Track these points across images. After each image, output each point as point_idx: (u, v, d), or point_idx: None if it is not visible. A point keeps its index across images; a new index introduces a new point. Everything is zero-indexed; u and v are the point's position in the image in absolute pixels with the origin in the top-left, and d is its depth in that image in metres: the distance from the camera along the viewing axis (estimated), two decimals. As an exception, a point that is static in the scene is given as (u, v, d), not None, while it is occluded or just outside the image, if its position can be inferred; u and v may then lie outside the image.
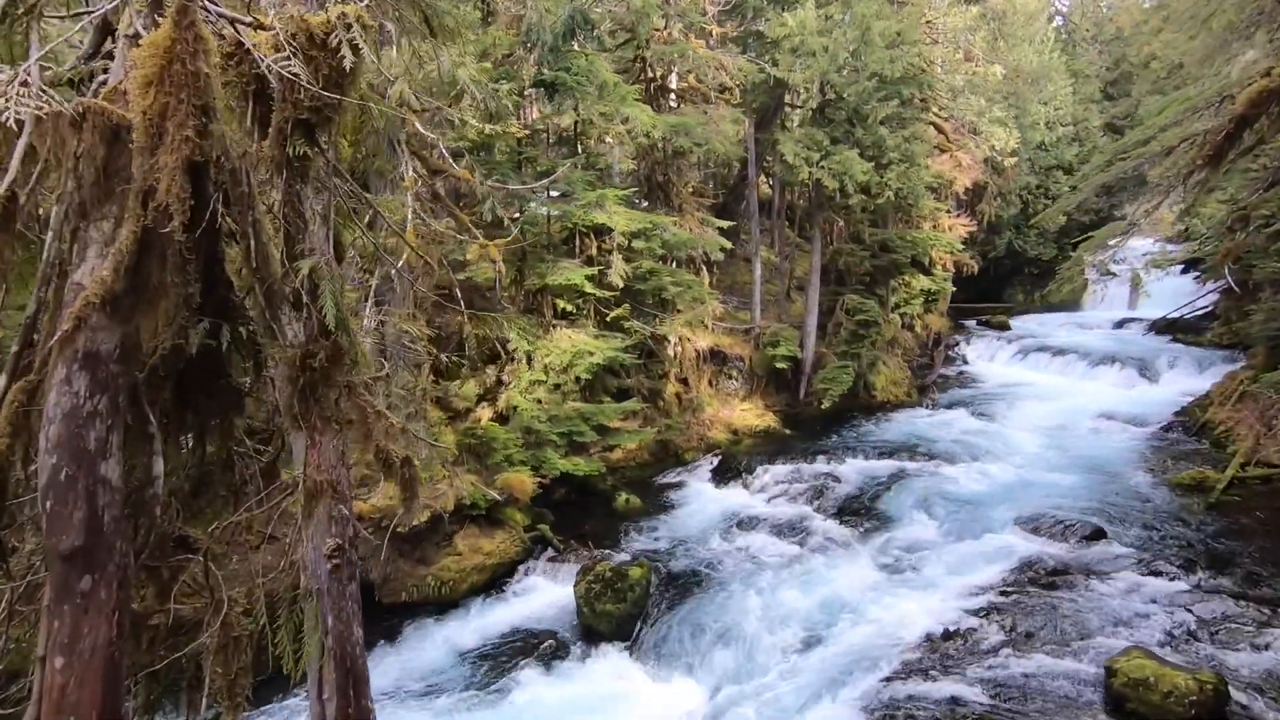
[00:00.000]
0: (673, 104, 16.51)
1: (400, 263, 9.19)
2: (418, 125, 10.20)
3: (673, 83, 16.61)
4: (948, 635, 8.62)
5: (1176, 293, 25.99)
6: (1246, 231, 14.48)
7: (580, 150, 14.12)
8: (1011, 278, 32.44)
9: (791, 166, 16.04)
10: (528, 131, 13.43)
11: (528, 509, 11.66)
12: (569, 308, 13.30)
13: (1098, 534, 10.90)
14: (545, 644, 9.35)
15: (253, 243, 2.61)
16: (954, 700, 7.33)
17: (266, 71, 2.58)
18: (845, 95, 15.78)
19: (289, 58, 2.52)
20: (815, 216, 18.04)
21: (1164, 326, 24.95)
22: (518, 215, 13.06)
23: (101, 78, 2.63)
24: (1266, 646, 7.81)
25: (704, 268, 16.98)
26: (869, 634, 8.95)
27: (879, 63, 15.38)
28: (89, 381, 2.37)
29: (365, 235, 4.66)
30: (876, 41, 15.29)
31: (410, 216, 9.30)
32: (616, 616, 9.53)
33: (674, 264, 15.48)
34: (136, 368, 2.53)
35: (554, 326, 13.16)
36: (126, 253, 2.33)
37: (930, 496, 12.91)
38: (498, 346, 12.52)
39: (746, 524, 12.29)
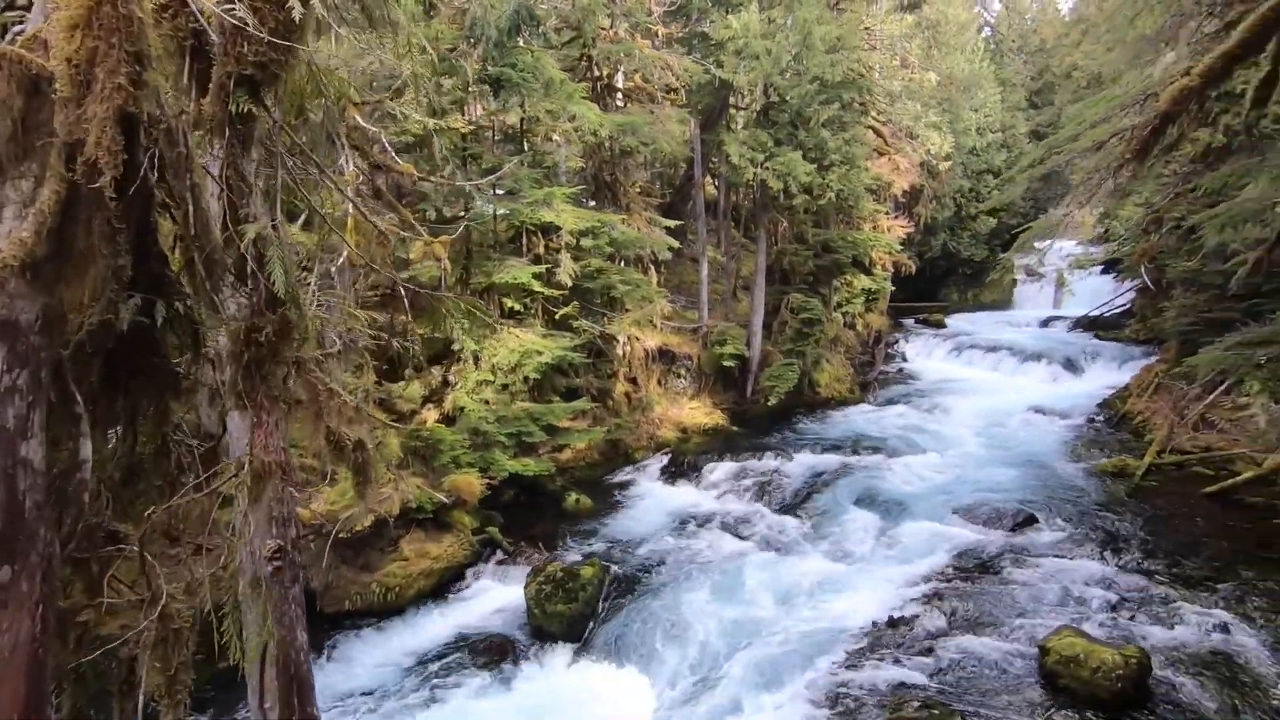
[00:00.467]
0: (619, 103, 16.51)
1: (341, 259, 8.92)
2: (358, 118, 9.92)
3: (619, 82, 16.61)
4: (892, 622, 8.86)
5: (1097, 292, 27.49)
6: (1160, 233, 15.37)
7: (527, 148, 13.98)
8: (947, 278, 33.66)
9: (737, 167, 16.27)
10: (473, 128, 13.20)
11: (476, 511, 11.47)
12: (516, 307, 13.14)
13: (1030, 520, 11.39)
14: (495, 647, 9.19)
15: (191, 208, 2.45)
16: (899, 685, 7.53)
17: (206, 25, 2.44)
18: (788, 98, 16.08)
19: (233, 4, 2.38)
20: (760, 217, 18.32)
21: (1086, 324, 26.29)
22: (463, 213, 12.83)
23: (18, 27, 2.42)
24: (1182, 620, 8.30)
25: (652, 267, 17.04)
26: (817, 624, 9.12)
27: (820, 66, 15.74)
28: (7, 353, 2.17)
29: (314, 211, 4.46)
30: (818, 46, 15.64)
31: (351, 212, 9.05)
32: (568, 617, 9.45)
33: (622, 263, 15.48)
34: (60, 343, 2.34)
35: (501, 326, 12.98)
36: (49, 214, 2.15)
37: (873, 489, 13.26)
38: (454, 346, 12.27)
39: (696, 521, 12.38)
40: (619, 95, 16.70)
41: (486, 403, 12.25)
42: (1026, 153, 34.06)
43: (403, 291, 10.66)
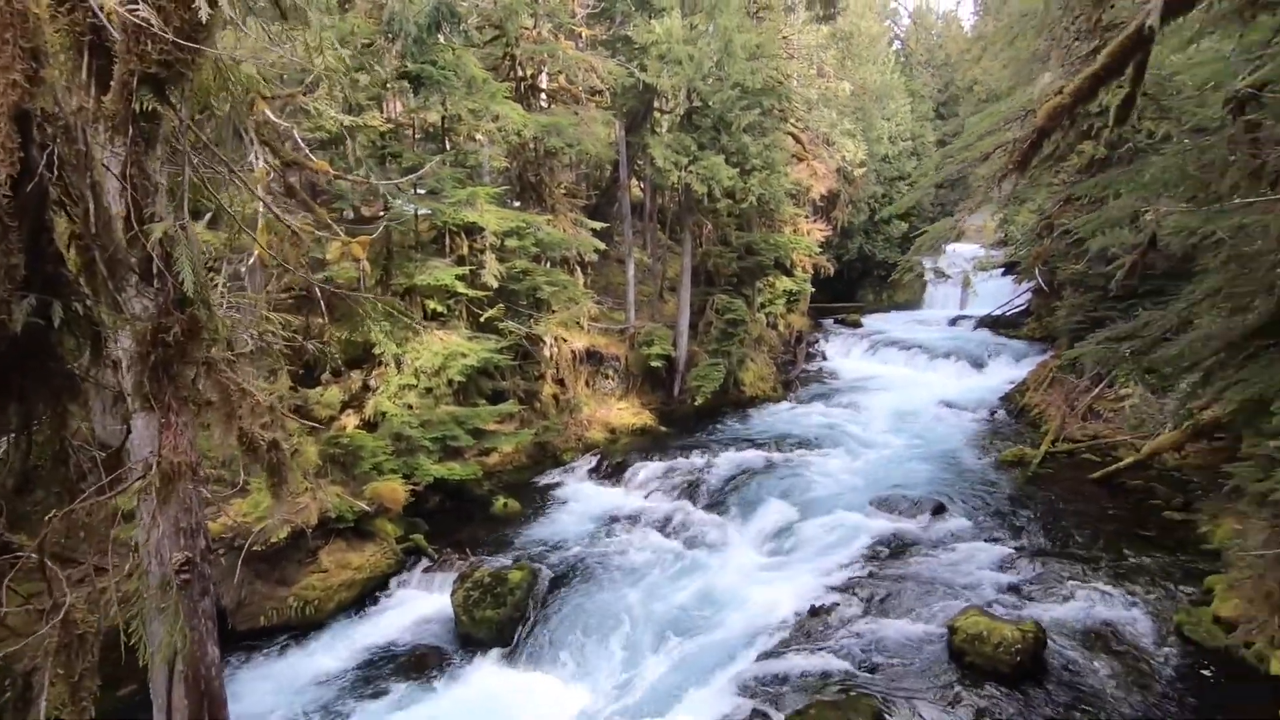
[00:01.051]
0: (544, 104, 16.44)
1: (252, 259, 8.55)
2: (268, 113, 9.53)
3: (543, 82, 16.54)
4: (814, 612, 9.19)
5: (999, 293, 29.29)
6: (1051, 238, 16.54)
7: (449, 147, 13.73)
8: (863, 279, 35.06)
9: (662, 170, 16.47)
10: (392, 126, 12.87)
11: (400, 519, 11.18)
12: (440, 309, 12.89)
13: (940, 509, 12.03)
14: (422, 657, 9.00)
15: (91, 206, 2.31)
16: (821, 671, 7.84)
17: (106, 22, 2.32)
18: (711, 103, 16.42)
19: (135, 3, 2.27)
20: (685, 219, 18.61)
21: (989, 323, 27.94)
22: (382, 213, 12.50)
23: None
24: (1073, 596, 8.99)
25: (578, 268, 17.04)
26: (743, 618, 9.36)
27: (741, 73, 16.15)
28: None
29: (223, 209, 4.26)
30: (738, 53, 16.05)
31: (261, 211, 8.67)
32: (497, 622, 9.35)
33: (548, 264, 15.42)
34: (-54, 344, 2.17)
35: (424, 328, 12.69)
36: (-64, 210, 2.00)
37: (796, 484, 13.70)
38: (374, 350, 11.91)
39: (625, 520, 12.46)
40: (543, 96, 16.63)
41: (409, 407, 11.96)
42: (933, 160, 36.04)
43: (319, 293, 10.32)
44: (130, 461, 2.73)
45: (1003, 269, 28.48)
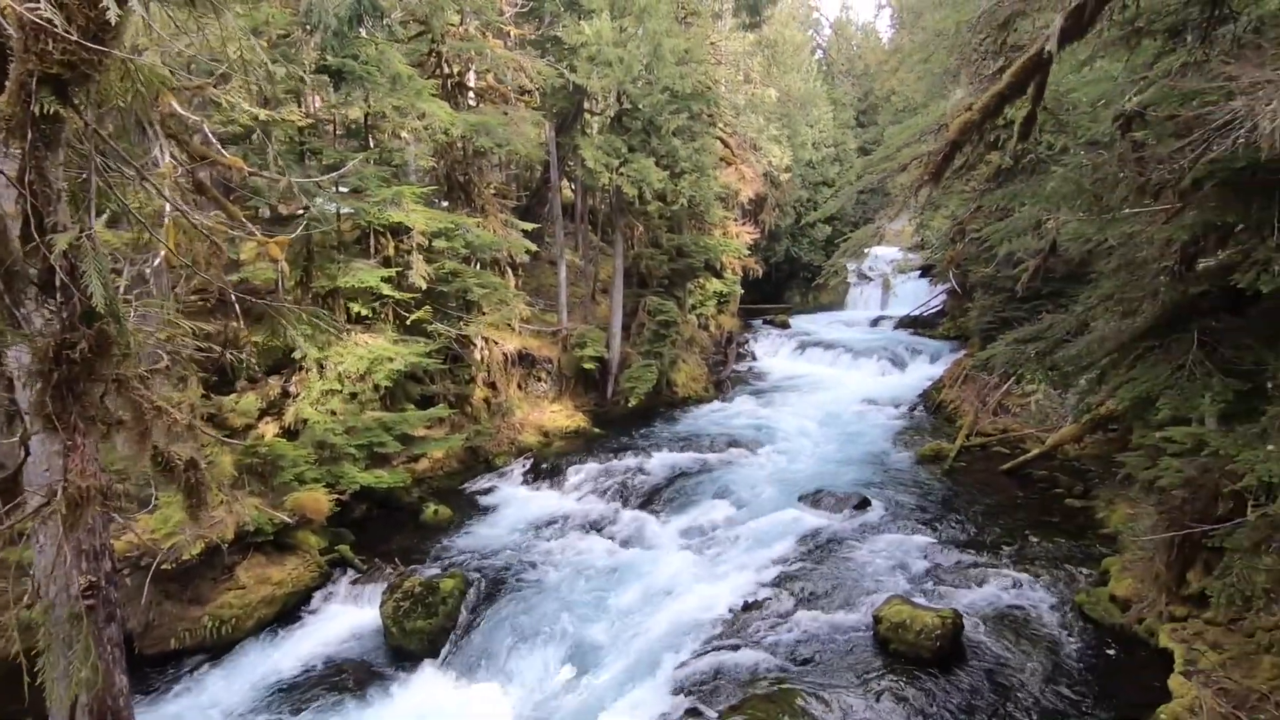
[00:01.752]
0: (471, 103, 16.14)
1: (158, 261, 8.08)
2: (175, 105, 9.04)
3: (470, 81, 16.25)
4: (747, 607, 9.39)
5: (916, 294, 30.69)
6: (963, 242, 17.44)
7: (372, 144, 13.31)
8: (789, 281, 36.02)
9: (593, 171, 16.47)
10: (311, 121, 12.37)
11: (324, 530, 10.76)
12: (364, 311, 12.48)
13: (864, 503, 12.50)
14: (350, 673, 8.68)
15: None
16: (755, 666, 8.01)
17: (1, 18, 2.13)
18: (641, 106, 16.53)
19: (36, 1, 2.10)
20: (617, 221, 18.66)
21: (908, 323, 29.20)
22: (301, 211, 11.99)
23: None
24: (986, 582, 9.51)
25: (509, 270, 16.82)
26: (679, 616, 9.45)
27: (670, 77, 16.32)
28: None
29: (125, 207, 3.99)
30: (668, 57, 16.21)
31: (169, 209, 8.19)
32: (429, 632, 9.13)
33: (478, 266, 15.16)
34: None
35: (348, 332, 12.26)
36: None
37: (728, 482, 13.95)
38: (297, 355, 11.40)
39: (560, 524, 12.39)
40: (470, 94, 16.33)
41: (333, 414, 11.53)
42: (855, 167, 37.40)
43: (233, 296, 9.83)
44: (28, 486, 2.51)
45: (919, 272, 29.81)
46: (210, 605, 9.17)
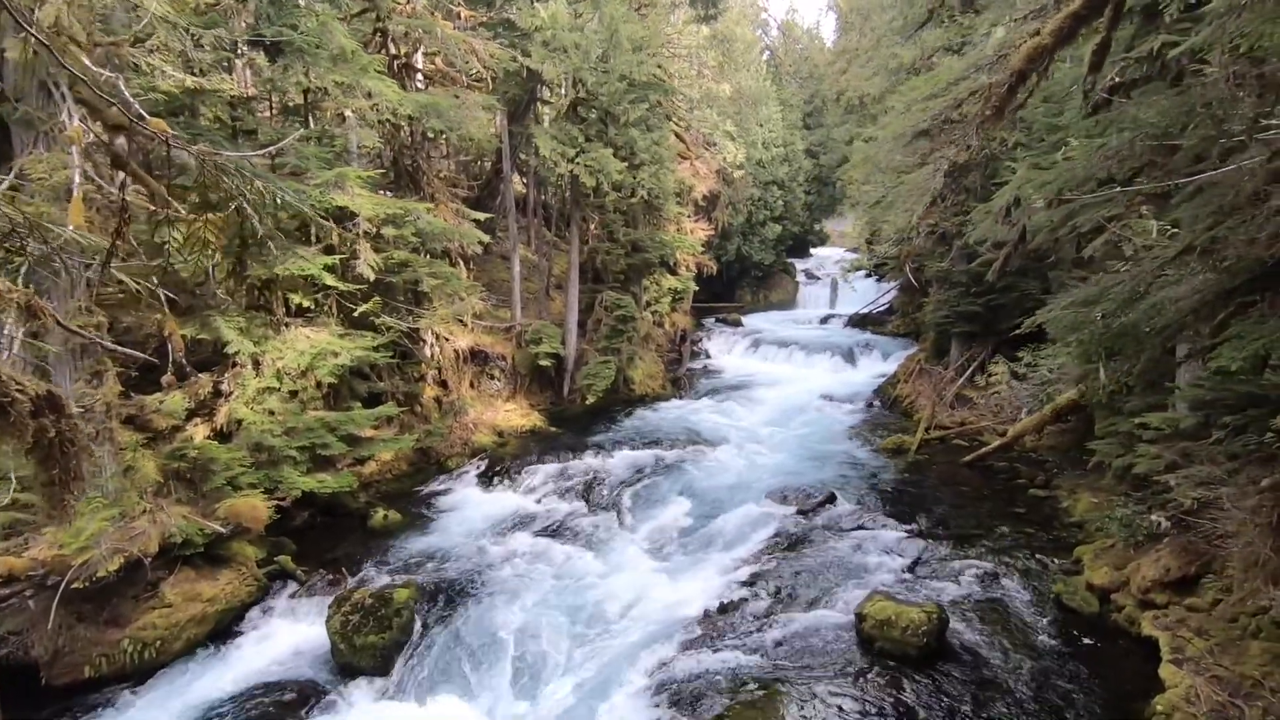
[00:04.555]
0: (420, 85, 15.32)
1: (62, 239, 7.11)
2: (86, 62, 8.08)
3: (419, 62, 15.41)
4: (722, 608, 8.98)
5: (864, 293, 31.11)
6: (919, 237, 17.55)
7: (313, 124, 12.40)
8: (741, 279, 36.06)
9: (548, 161, 15.87)
10: (245, 96, 11.39)
11: (262, 540, 9.85)
12: (306, 303, 11.57)
13: (831, 498, 12.29)
14: (293, 695, 7.87)
15: None
16: (737, 670, 7.60)
17: None
18: (598, 94, 16.01)
19: None
20: (574, 213, 18.08)
21: (858, 320, 29.56)
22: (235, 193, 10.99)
23: None
24: (963, 575, 9.36)
25: (460, 263, 16.03)
26: (651, 620, 8.99)
27: (628, 65, 15.86)
28: None
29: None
30: (625, 44, 15.76)
31: (78, 180, 7.25)
32: (381, 648, 8.38)
33: (428, 256, 14.34)
34: None
35: (287, 325, 11.34)
36: None
37: (691, 480, 13.57)
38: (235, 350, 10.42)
39: (519, 527, 11.76)
40: (419, 77, 15.50)
41: (271, 413, 10.61)
42: (804, 168, 37.77)
43: (156, 284, 8.82)
44: None
45: (866, 271, 30.15)
46: (131, 627, 8.19)
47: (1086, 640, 7.91)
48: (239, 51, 11.24)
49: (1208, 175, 3.71)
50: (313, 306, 11.70)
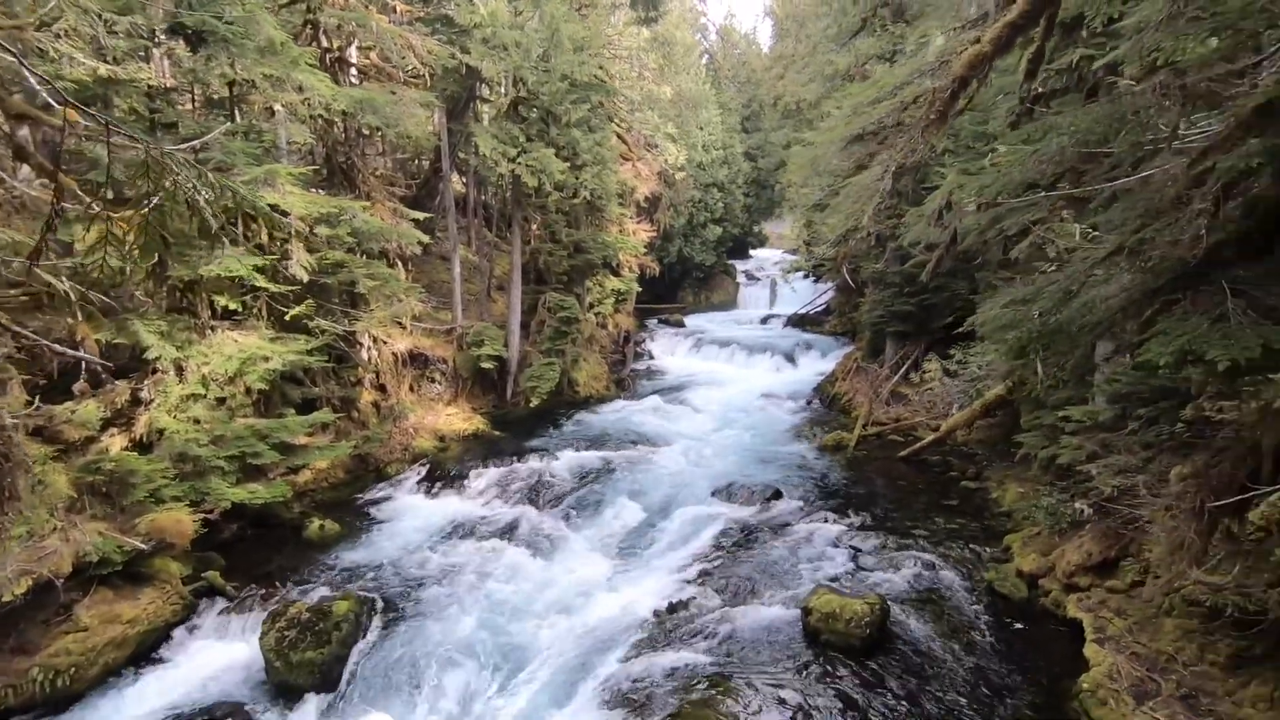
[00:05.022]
0: (354, 80, 14.83)
1: (-37, 235, 6.64)
2: (-14, 46, 7.48)
3: (353, 57, 14.92)
4: (672, 608, 9.01)
5: (802, 293, 31.86)
6: (855, 239, 18.05)
7: (239, 118, 11.85)
8: (683, 280, 36.36)
9: (489, 160, 15.61)
10: (164, 87, 10.78)
11: (188, 555, 9.35)
12: (234, 305, 11.03)
13: (776, 495, 12.51)
14: (224, 717, 7.48)
15: None
16: (687, 669, 7.63)
17: None
18: (539, 94, 15.86)
19: None
20: (515, 213, 17.85)
21: (796, 320, 30.23)
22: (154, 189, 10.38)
23: None
24: (902, 565, 9.66)
25: (399, 263, 15.59)
26: (601, 623, 8.94)
27: (569, 65, 15.77)
28: None
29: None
30: (566, 44, 15.66)
31: (-24, 173, 6.74)
32: (320, 663, 8.06)
33: (364, 257, 13.90)
34: None
35: (213, 328, 10.79)
36: None
37: (639, 480, 13.58)
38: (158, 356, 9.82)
39: (464, 532, 11.52)
40: (353, 72, 15.01)
41: (197, 421, 10.07)
42: (743, 171, 38.38)
43: (65, 287, 8.33)
44: None
45: (804, 272, 30.87)
46: (41, 654, 7.63)
47: (1017, 624, 8.29)
48: (156, 40, 10.65)
49: (1133, 179, 3.95)
50: (241, 309, 11.16)
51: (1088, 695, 6.61)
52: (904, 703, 6.98)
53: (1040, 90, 8.09)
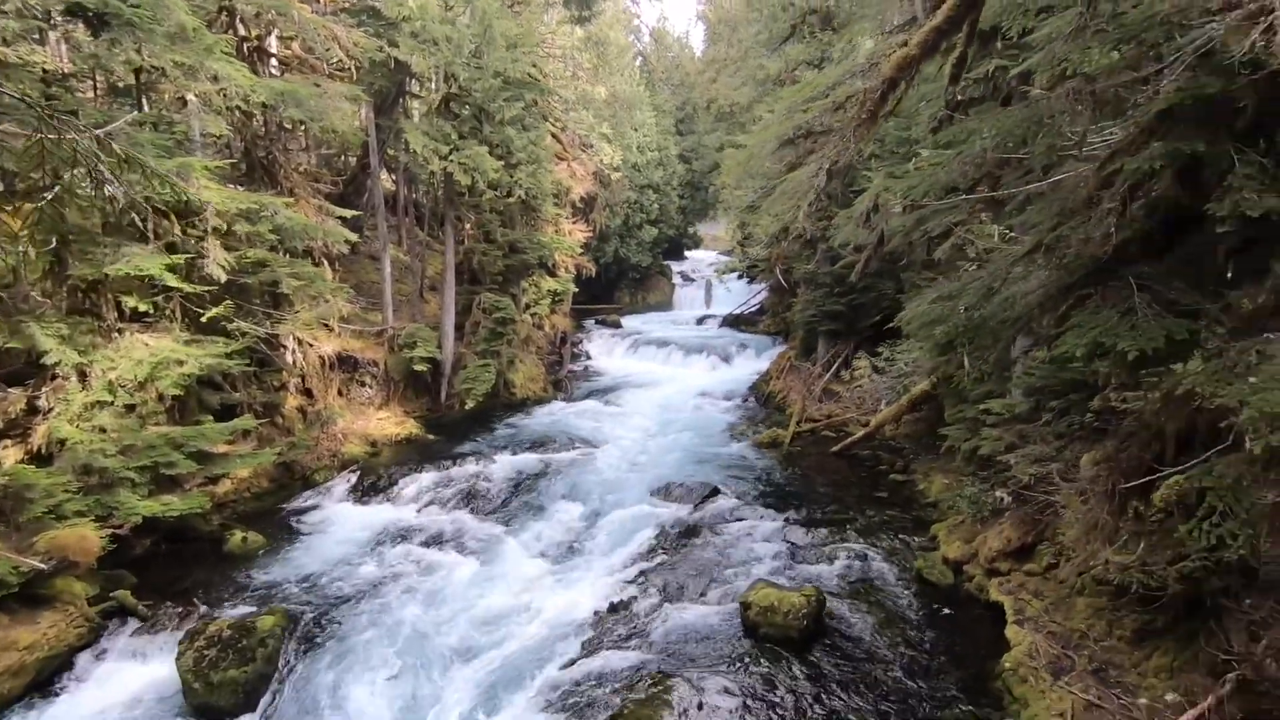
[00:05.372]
0: (274, 71, 14.19)
1: None
2: None
3: (273, 46, 14.28)
4: (613, 609, 8.98)
5: (737, 293, 32.39)
6: (788, 240, 18.49)
7: (147, 107, 11.16)
8: (619, 281, 36.41)
9: (420, 157, 15.23)
10: (62, 72, 10.04)
11: (94, 574, 8.73)
12: (143, 306, 10.38)
13: (714, 492, 12.65)
14: (137, 746, 7.02)
15: None
16: (629, 668, 7.61)
17: None
18: (471, 90, 15.57)
19: None
20: (448, 213, 17.46)
21: (731, 321, 30.72)
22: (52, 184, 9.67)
23: None
24: (837, 557, 9.94)
25: (325, 263, 15.01)
26: (542, 627, 8.83)
27: (502, 62, 15.55)
28: None
29: None
30: (499, 40, 15.43)
31: None
32: (244, 682, 7.65)
33: (287, 256, 13.32)
34: None
35: (120, 331, 10.13)
36: None
37: (576, 483, 13.50)
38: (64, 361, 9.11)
39: (397, 540, 11.18)
40: (273, 62, 14.36)
41: (103, 431, 9.43)
42: (679, 173, 38.74)
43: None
44: None
45: (738, 273, 31.42)
46: (-76, 688, 6.98)
47: (944, 609, 8.64)
48: (52, 21, 9.91)
49: (1044, 184, 4.19)
50: (152, 310, 10.51)
51: (1009, 674, 6.95)
52: (841, 690, 7.17)
53: (960, 98, 8.47)
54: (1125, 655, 6.61)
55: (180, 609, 8.93)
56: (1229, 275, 3.90)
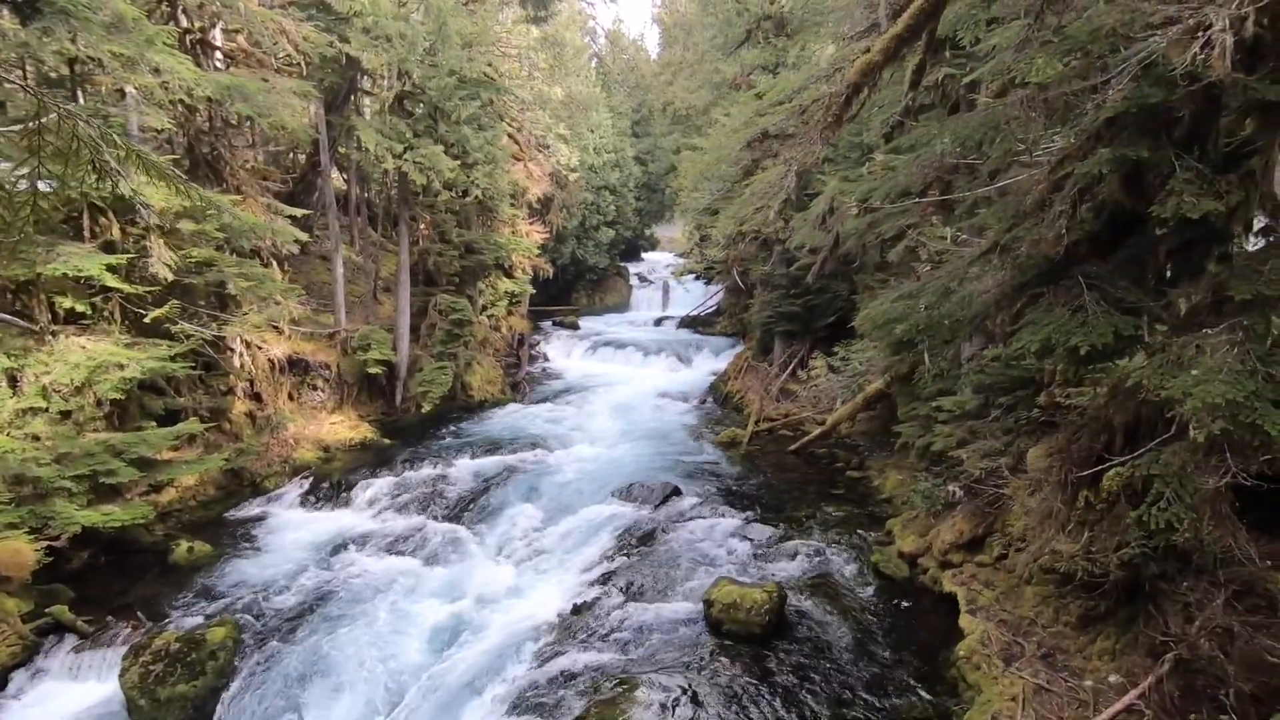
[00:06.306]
0: (219, 65, 13.71)
1: None
2: None
3: (217, 39, 13.79)
4: (577, 610, 8.96)
5: (694, 295, 32.65)
6: (744, 243, 18.73)
7: (83, 100, 10.66)
8: (577, 282, 36.28)
9: (373, 156, 14.92)
10: (-12, 61, 9.53)
11: (28, 589, 8.29)
12: (80, 307, 9.91)
13: (675, 492, 12.72)
14: (78, 769, 6.70)
15: None
16: (595, 669, 7.61)
17: None
18: (426, 88, 15.33)
19: None
20: (402, 212, 17.15)
21: (688, 322, 30.95)
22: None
23: None
24: (796, 553, 10.10)
25: (274, 263, 14.57)
26: (505, 630, 8.75)
27: (457, 60, 15.35)
28: None
29: None
30: (454, 38, 15.22)
31: None
32: (194, 697, 7.40)
33: (235, 256, 12.89)
34: None
35: (55, 334, 9.65)
36: None
37: (536, 485, 13.40)
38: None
39: (354, 546, 10.94)
40: (218, 56, 13.87)
41: (36, 438, 8.96)
42: (635, 175, 38.83)
43: None
44: None
45: (695, 274, 31.69)
46: None
47: (901, 602, 8.87)
48: (-21, 7, 9.39)
49: (991, 188, 4.37)
50: (90, 312, 10.04)
51: (963, 661, 7.19)
52: (804, 682, 7.30)
53: (911, 105, 8.73)
54: (1071, 640, 6.90)
55: (123, 624, 8.56)
56: (1168, 274, 4.13)
